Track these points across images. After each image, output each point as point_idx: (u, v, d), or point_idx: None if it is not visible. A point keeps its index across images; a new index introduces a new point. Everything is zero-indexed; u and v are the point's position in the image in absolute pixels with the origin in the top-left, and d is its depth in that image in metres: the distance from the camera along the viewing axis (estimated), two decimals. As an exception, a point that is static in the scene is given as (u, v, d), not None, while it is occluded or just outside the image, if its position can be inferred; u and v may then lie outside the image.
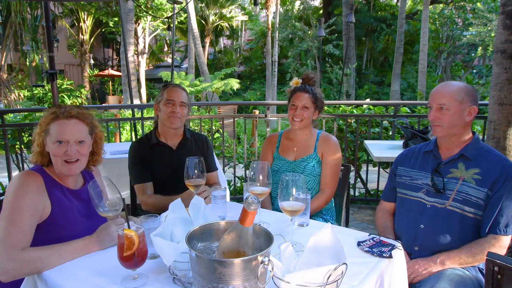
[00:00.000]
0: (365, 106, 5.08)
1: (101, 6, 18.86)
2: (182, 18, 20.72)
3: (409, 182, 1.80)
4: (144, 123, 5.81)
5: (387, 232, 1.83)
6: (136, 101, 13.87)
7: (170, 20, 18.83)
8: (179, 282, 1.17)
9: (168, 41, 25.79)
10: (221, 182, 2.37)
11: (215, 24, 22.75)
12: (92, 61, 22.03)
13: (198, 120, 6.13)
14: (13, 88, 16.08)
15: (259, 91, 20.60)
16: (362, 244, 1.42)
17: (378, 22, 19.33)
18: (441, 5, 18.56)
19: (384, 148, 3.46)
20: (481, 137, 4.03)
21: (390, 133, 4.60)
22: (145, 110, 6.98)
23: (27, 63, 16.29)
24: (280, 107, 14.35)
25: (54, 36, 10.09)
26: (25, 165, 4.47)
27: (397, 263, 1.37)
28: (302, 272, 0.97)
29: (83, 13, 19.59)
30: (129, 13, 13.34)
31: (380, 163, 4.36)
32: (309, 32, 17.22)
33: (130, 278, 1.19)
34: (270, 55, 17.86)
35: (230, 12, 23.07)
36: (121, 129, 6.93)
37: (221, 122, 6.14)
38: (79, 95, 18.16)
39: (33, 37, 16.31)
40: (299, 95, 2.16)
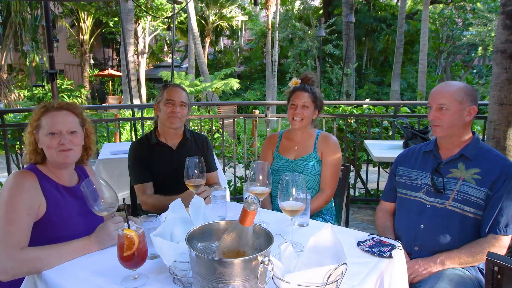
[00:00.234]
0: (365, 106, 5.08)
1: (101, 6, 18.87)
2: (182, 18, 20.72)
3: (409, 182, 1.80)
4: (144, 123, 5.81)
5: (387, 232, 1.83)
6: (136, 101, 13.87)
7: (170, 20, 18.83)
8: (179, 282, 1.17)
9: (168, 41, 25.79)
10: (221, 182, 2.37)
11: (215, 24, 22.75)
12: (92, 61, 22.03)
13: (198, 120, 6.13)
14: (13, 88, 16.08)
15: (259, 91, 20.60)
16: (362, 244, 1.42)
17: (378, 22, 19.35)
18: (441, 5, 18.56)
19: (384, 148, 3.46)
20: (481, 137, 4.03)
21: (390, 133, 4.60)
22: (145, 110, 6.97)
23: (27, 63, 16.28)
24: (280, 107, 14.34)
25: (54, 36, 10.10)
26: (25, 165, 4.46)
27: (397, 263, 1.37)
28: (302, 272, 0.97)
29: (83, 13, 19.60)
30: (129, 13, 13.35)
31: (380, 163, 4.36)
32: (309, 32, 17.22)
33: (130, 278, 1.19)
34: (270, 55, 17.87)
35: (230, 12, 23.07)
36: (121, 129, 6.93)
37: (221, 122, 6.14)
38: (79, 95, 18.16)
39: (33, 37, 16.31)
40: (298, 94, 2.16)
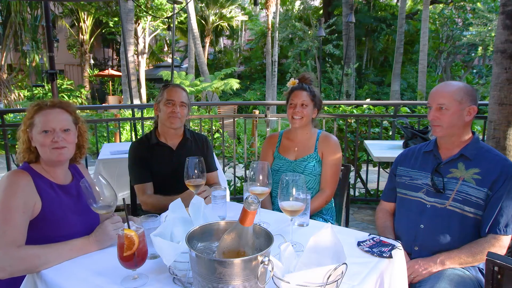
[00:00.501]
0: (365, 106, 5.08)
1: (101, 6, 18.86)
2: (182, 18, 20.72)
3: (409, 182, 1.80)
4: (144, 123, 5.81)
5: (387, 232, 1.83)
6: (136, 101, 13.87)
7: (170, 20, 18.83)
8: (179, 282, 1.17)
9: (168, 41, 25.78)
10: (221, 182, 2.37)
11: (215, 24, 22.74)
12: (92, 61, 22.02)
13: (198, 120, 6.13)
14: (13, 88, 16.07)
15: (259, 91, 20.59)
16: (362, 244, 1.42)
17: (378, 22, 19.34)
18: (441, 5, 18.56)
19: (384, 148, 3.46)
20: (481, 137, 4.03)
21: (390, 133, 4.60)
22: (145, 110, 6.98)
23: (27, 63, 16.28)
24: (280, 107, 14.32)
25: (54, 36, 10.10)
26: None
27: (397, 263, 1.37)
28: (302, 272, 0.97)
29: (83, 13, 19.59)
30: (129, 13, 13.34)
31: (380, 163, 4.36)
32: (309, 32, 17.21)
33: (130, 278, 1.19)
34: (270, 55, 17.86)
35: (230, 12, 23.07)
36: (121, 129, 6.93)
37: (221, 122, 6.14)
38: (79, 95, 18.17)
39: (33, 37, 16.30)
40: (297, 93, 2.16)
